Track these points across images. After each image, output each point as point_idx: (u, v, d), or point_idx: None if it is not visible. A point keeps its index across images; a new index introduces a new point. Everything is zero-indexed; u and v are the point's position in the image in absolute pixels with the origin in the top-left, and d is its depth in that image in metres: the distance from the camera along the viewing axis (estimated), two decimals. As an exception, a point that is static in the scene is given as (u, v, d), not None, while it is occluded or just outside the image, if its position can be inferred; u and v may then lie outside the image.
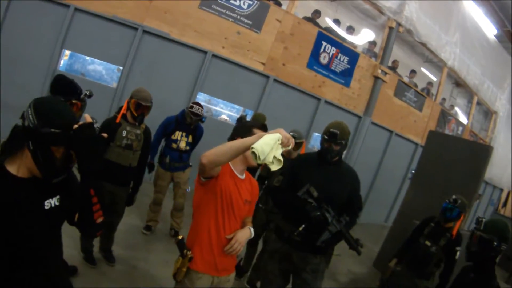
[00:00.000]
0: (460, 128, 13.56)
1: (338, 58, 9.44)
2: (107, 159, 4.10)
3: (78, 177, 1.90)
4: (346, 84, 9.81)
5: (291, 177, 3.47)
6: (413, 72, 12.34)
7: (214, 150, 2.23)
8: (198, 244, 2.58)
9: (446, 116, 12.75)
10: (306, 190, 3.17)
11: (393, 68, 11.31)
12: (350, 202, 3.49)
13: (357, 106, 10.20)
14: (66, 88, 3.47)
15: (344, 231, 3.22)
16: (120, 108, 4.29)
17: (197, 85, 8.00)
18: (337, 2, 10.96)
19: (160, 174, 5.64)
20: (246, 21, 8.16)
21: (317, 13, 9.66)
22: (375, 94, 10.26)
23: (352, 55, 9.72)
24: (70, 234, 2.67)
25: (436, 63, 13.22)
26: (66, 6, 6.93)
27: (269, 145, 2.02)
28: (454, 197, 4.38)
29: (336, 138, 3.32)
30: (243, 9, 8.08)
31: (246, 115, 6.75)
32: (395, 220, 7.65)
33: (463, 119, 14.38)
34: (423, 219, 4.78)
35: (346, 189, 3.46)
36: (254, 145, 2.02)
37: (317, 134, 9.86)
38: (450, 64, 11.95)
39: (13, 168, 1.67)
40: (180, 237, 2.69)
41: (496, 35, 13.87)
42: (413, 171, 9.11)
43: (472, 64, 12.82)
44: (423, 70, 14.04)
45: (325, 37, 9.22)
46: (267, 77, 8.65)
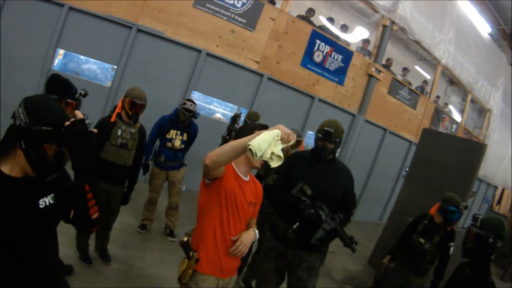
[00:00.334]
0: (454, 126, 13.61)
1: (332, 56, 9.47)
2: (103, 158, 4.11)
3: (71, 174, 1.89)
4: (340, 82, 9.84)
5: (285, 175, 3.48)
6: (405, 69, 12.37)
7: (216, 151, 2.25)
8: (204, 245, 2.58)
9: (440, 114, 12.80)
10: (300, 188, 3.19)
11: (387, 66, 11.35)
12: (344, 200, 3.51)
13: (351, 104, 10.23)
14: (61, 87, 3.48)
15: (338, 229, 3.24)
16: (115, 107, 4.28)
17: (191, 83, 8.01)
18: (331, 1, 10.97)
19: (155, 173, 5.63)
20: (240, 19, 8.17)
21: (311, 11, 9.68)
22: (369, 92, 10.30)
23: (346, 54, 9.75)
24: (65, 233, 2.67)
25: (430, 61, 13.27)
26: (60, 5, 6.90)
27: (266, 141, 2.02)
28: (464, 204, 4.44)
29: (330, 136, 3.34)
30: (237, 7, 8.09)
31: (240, 114, 6.77)
32: (390, 217, 7.66)
33: (457, 117, 14.43)
34: (416, 216, 4.81)
35: (340, 187, 3.48)
36: (251, 142, 2.02)
37: (311, 132, 9.90)
38: (444, 62, 11.98)
39: (6, 168, 1.67)
40: (185, 239, 2.69)
41: (490, 34, 13.94)
42: (407, 169, 9.14)
43: (466, 62, 12.86)
44: (417, 68, 14.09)
45: (319, 35, 9.24)
46: (261, 75, 8.67)
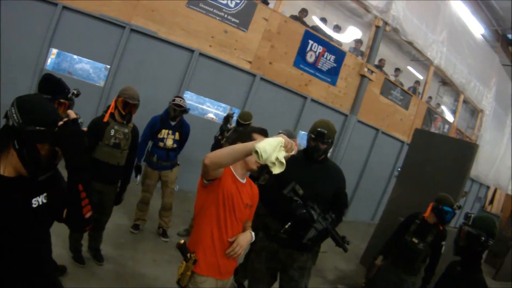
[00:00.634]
0: (446, 126, 13.70)
1: (325, 56, 9.52)
2: (96, 158, 4.12)
3: (64, 174, 1.89)
4: (333, 82, 9.89)
5: (277, 175, 3.49)
6: (398, 70, 12.43)
7: (217, 152, 2.28)
8: (201, 247, 2.59)
9: (432, 114, 12.88)
10: (292, 188, 3.21)
11: (379, 66, 11.42)
12: (336, 200, 3.53)
13: (343, 104, 10.28)
14: (53, 87, 3.48)
15: (330, 229, 3.26)
16: (108, 107, 4.29)
17: (184, 83, 8.03)
18: (324, 1, 11.00)
19: (147, 173, 5.64)
20: (233, 19, 8.20)
21: (304, 11, 9.72)
22: (361, 92, 10.35)
23: (338, 54, 9.79)
24: (58, 233, 2.68)
25: (422, 62, 13.35)
26: (54, 4, 6.88)
27: (271, 145, 2.08)
28: (458, 204, 4.50)
29: (323, 137, 3.36)
30: (230, 7, 8.11)
31: (233, 114, 6.78)
32: (382, 217, 7.69)
33: (450, 118, 14.52)
34: (408, 216, 4.85)
35: (332, 186, 3.50)
36: (257, 144, 2.08)
37: (303, 132, 9.92)
38: (437, 62, 12.06)
39: None
40: (181, 241, 2.70)
41: (483, 34, 14.03)
42: (399, 169, 9.18)
43: (458, 63, 12.94)
44: (410, 68, 14.17)
45: (311, 35, 9.28)
46: (254, 75, 8.70)
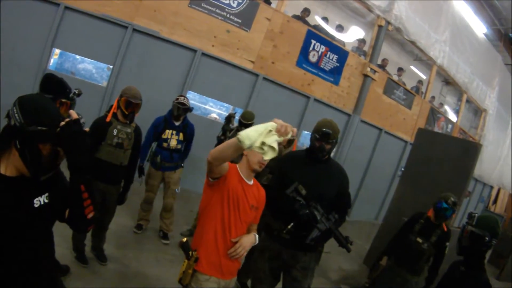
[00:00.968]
0: (449, 126, 13.65)
1: (327, 56, 9.50)
2: (99, 158, 4.12)
3: (66, 173, 1.88)
4: (335, 82, 9.86)
5: (280, 175, 3.48)
6: (400, 69, 12.41)
7: (216, 147, 2.32)
8: (204, 245, 2.60)
9: (435, 114, 12.83)
10: (295, 188, 3.19)
11: (382, 66, 11.39)
12: (339, 200, 3.51)
13: (346, 104, 10.25)
14: (55, 87, 3.47)
15: (333, 229, 3.25)
16: (110, 107, 4.30)
17: (186, 83, 8.02)
18: (326, 1, 10.98)
19: (151, 174, 5.64)
20: (235, 19, 8.19)
21: (306, 11, 9.71)
22: (364, 92, 10.32)
23: (341, 54, 9.77)
24: (61, 233, 2.67)
25: (425, 61, 13.29)
26: (56, 4, 6.89)
27: (257, 131, 1.98)
28: (453, 199, 4.47)
29: (328, 138, 3.35)
30: (233, 7, 8.10)
31: (234, 114, 6.77)
32: (385, 217, 7.67)
33: (453, 117, 14.46)
34: (412, 216, 4.83)
35: (335, 186, 3.48)
36: (240, 132, 1.98)
37: (306, 132, 9.90)
38: (440, 62, 12.02)
39: (1, 167, 1.67)
40: (184, 239, 2.69)
41: (485, 34, 13.98)
42: (402, 169, 9.16)
43: (461, 62, 12.90)
44: (413, 68, 14.12)
45: (314, 35, 9.26)
46: (257, 75, 8.69)
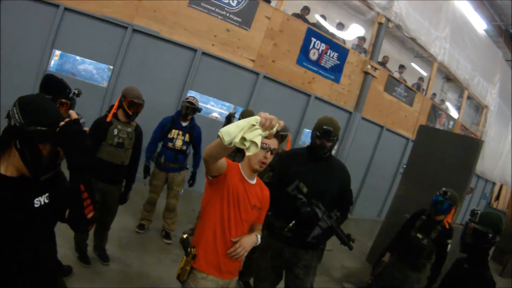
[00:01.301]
0: (451, 122, 13.62)
1: (328, 54, 9.48)
2: (99, 158, 4.13)
3: (66, 173, 1.88)
4: (336, 80, 9.85)
5: (281, 173, 3.48)
6: (402, 67, 12.39)
7: (209, 145, 2.29)
8: (203, 243, 2.59)
9: (436, 110, 12.81)
10: (296, 186, 3.20)
11: (383, 63, 11.38)
12: (341, 197, 3.51)
13: (347, 101, 10.24)
14: (55, 87, 3.48)
15: (335, 227, 3.24)
16: (111, 107, 4.30)
17: (187, 83, 8.02)
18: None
19: (155, 174, 5.66)
20: (235, 18, 8.18)
21: (306, 9, 9.70)
22: (365, 89, 10.30)
23: (341, 51, 9.75)
24: (64, 233, 2.68)
25: (426, 58, 13.29)
26: (56, 6, 6.88)
27: (238, 126, 1.92)
28: (444, 189, 4.47)
29: (330, 135, 3.35)
30: (232, 6, 8.09)
31: (234, 113, 6.77)
32: (388, 214, 7.67)
33: (454, 114, 14.44)
34: (414, 212, 4.84)
35: (336, 184, 3.49)
36: (221, 129, 1.93)
37: (307, 130, 9.88)
38: (440, 59, 12.00)
39: (1, 167, 1.67)
40: (185, 236, 2.69)
41: (486, 30, 13.94)
42: (404, 166, 9.15)
43: (462, 59, 12.87)
44: (413, 65, 14.11)
45: (314, 33, 9.25)
46: (257, 74, 8.67)
